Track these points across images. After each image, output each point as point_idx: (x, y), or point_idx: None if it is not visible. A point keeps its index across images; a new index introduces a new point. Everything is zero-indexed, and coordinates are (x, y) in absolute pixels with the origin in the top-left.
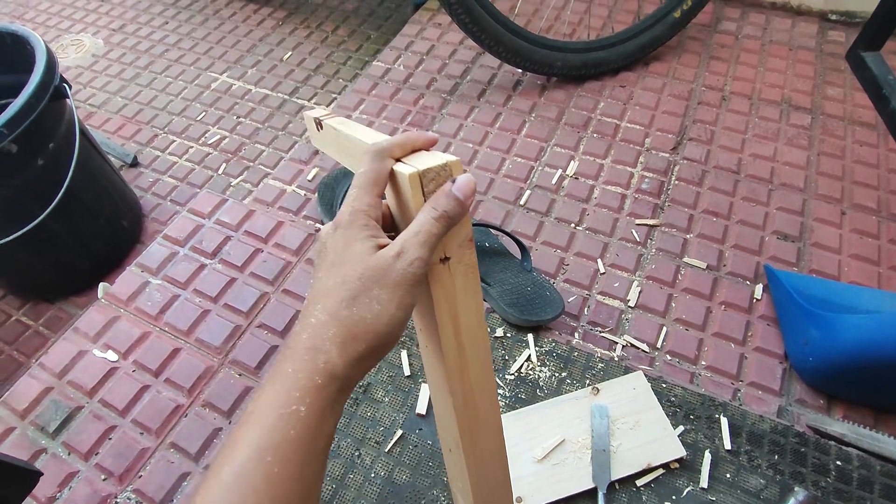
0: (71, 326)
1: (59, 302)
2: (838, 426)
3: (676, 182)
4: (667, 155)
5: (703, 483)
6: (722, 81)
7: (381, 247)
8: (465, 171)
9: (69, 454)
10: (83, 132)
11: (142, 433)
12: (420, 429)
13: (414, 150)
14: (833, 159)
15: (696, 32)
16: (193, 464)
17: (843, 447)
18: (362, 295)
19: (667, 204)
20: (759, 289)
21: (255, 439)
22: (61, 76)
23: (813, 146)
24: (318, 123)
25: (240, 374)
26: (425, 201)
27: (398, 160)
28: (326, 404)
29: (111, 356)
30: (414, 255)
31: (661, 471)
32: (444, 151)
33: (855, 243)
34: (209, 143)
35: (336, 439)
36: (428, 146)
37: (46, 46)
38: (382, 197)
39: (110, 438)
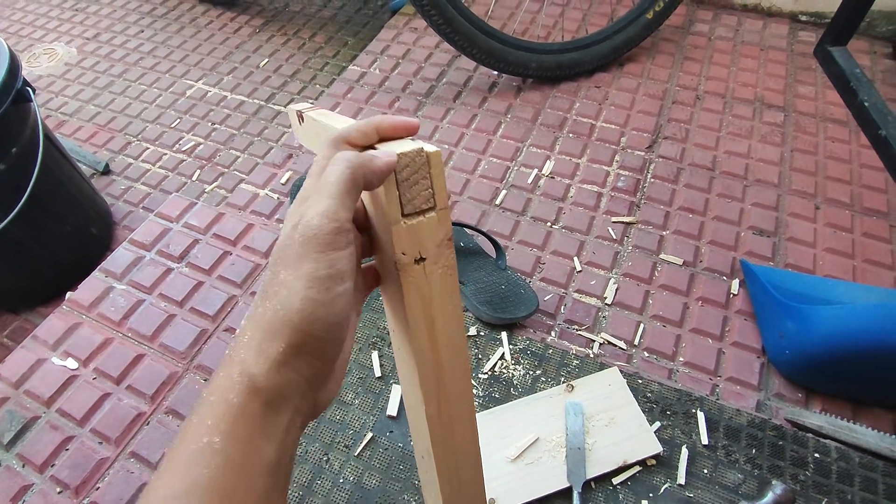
0: (29, 334)
1: (25, 313)
2: (816, 418)
3: (652, 180)
4: (642, 153)
5: (681, 479)
6: (696, 81)
7: None
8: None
9: (23, 466)
10: (49, 138)
11: (101, 443)
12: (391, 431)
13: (391, 137)
14: (806, 155)
15: (670, 34)
16: (154, 473)
17: (821, 439)
18: (271, 285)
19: (643, 201)
20: (735, 284)
21: (163, 489)
22: (25, 80)
23: (786, 143)
24: (300, 116)
25: (205, 380)
26: (399, 194)
27: (371, 147)
28: (252, 426)
29: (71, 364)
30: (315, 209)
31: (637, 468)
32: None
33: (829, 237)
34: (183, 149)
35: (303, 444)
36: (408, 133)
37: (9, 49)
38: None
39: (67, 449)
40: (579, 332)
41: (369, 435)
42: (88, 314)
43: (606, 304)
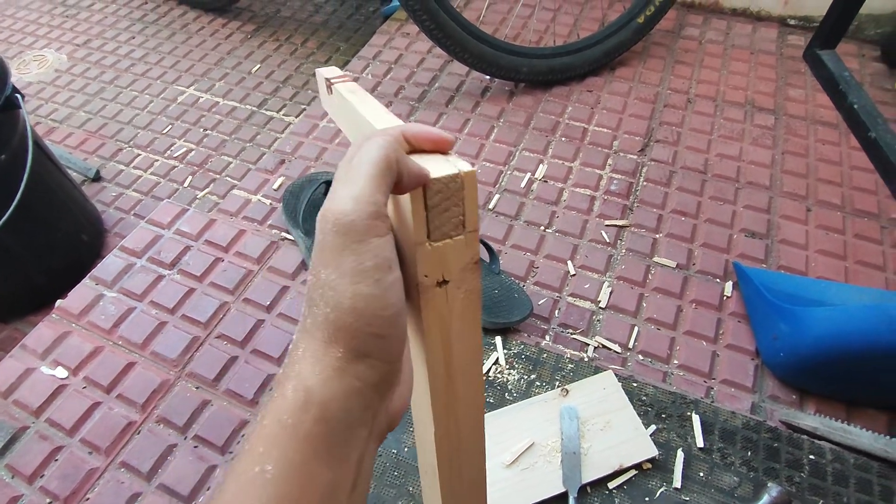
0: (19, 343)
1: (15, 321)
2: (810, 420)
3: (645, 183)
4: (635, 157)
5: (677, 483)
6: (687, 85)
7: None
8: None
9: (12, 477)
10: (38, 145)
11: (90, 453)
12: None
13: (420, 149)
14: (797, 158)
15: (661, 38)
16: (145, 483)
17: (816, 441)
18: (314, 289)
19: (636, 205)
20: (728, 286)
21: None
22: (14, 86)
23: (777, 145)
24: (329, 85)
25: (197, 388)
26: (427, 218)
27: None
28: (310, 450)
29: (60, 373)
30: (345, 193)
31: (633, 472)
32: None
33: (821, 239)
34: (175, 156)
35: None
36: (444, 149)
37: None
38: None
39: (57, 459)
40: (574, 336)
41: None
42: (78, 322)
43: (600, 307)
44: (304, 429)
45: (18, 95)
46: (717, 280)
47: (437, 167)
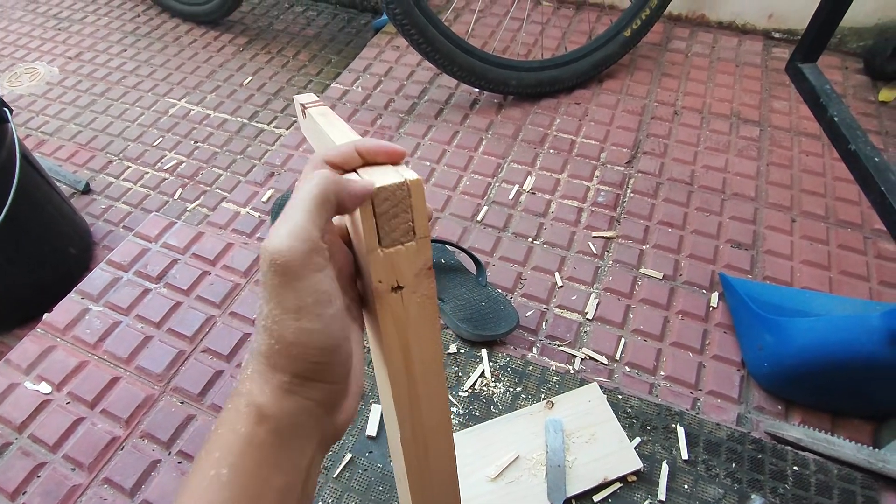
0: (2, 358)
1: (2, 335)
2: (794, 431)
3: (632, 195)
4: (622, 168)
5: (661, 495)
6: (673, 97)
7: None
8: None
9: None
10: (26, 158)
11: (73, 469)
12: (370, 451)
13: (373, 161)
14: (781, 169)
15: (648, 51)
16: (129, 499)
17: (800, 452)
18: (262, 318)
19: (623, 216)
20: (715, 297)
21: None
22: (2, 100)
23: (762, 157)
24: (304, 110)
25: (182, 402)
26: (377, 225)
27: (352, 171)
28: (262, 456)
29: (44, 388)
30: (282, 230)
31: (618, 485)
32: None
33: (805, 249)
34: (165, 168)
35: None
36: (391, 160)
37: None
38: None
39: (39, 476)
40: (560, 348)
41: (348, 456)
42: (63, 337)
43: (587, 318)
44: (257, 439)
45: (6, 109)
46: (704, 291)
47: (384, 177)
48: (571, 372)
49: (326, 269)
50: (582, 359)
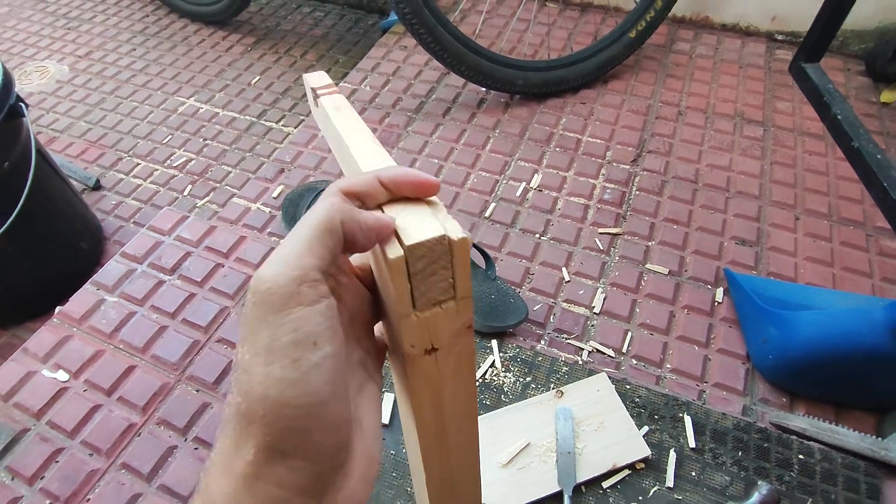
0: (18, 347)
1: (13, 328)
2: (799, 421)
3: (637, 192)
4: (627, 167)
5: (669, 482)
6: (678, 97)
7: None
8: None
9: (13, 479)
10: (41, 153)
11: (91, 454)
12: (383, 439)
13: (401, 195)
14: (785, 168)
15: (653, 52)
16: (146, 484)
17: (805, 441)
18: (233, 373)
19: (629, 213)
20: (720, 292)
21: None
22: (18, 96)
23: (766, 156)
24: (316, 96)
25: (197, 390)
26: (411, 286)
27: (376, 207)
28: None
29: (61, 376)
30: (272, 257)
31: (626, 471)
32: (410, 167)
33: (809, 246)
34: (175, 165)
35: None
36: (428, 193)
37: (2, 65)
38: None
39: (57, 461)
40: (568, 341)
41: None
42: (79, 327)
43: (594, 312)
44: None
45: (22, 104)
46: (709, 286)
47: (419, 225)
48: (580, 363)
49: (319, 306)
50: (589, 351)
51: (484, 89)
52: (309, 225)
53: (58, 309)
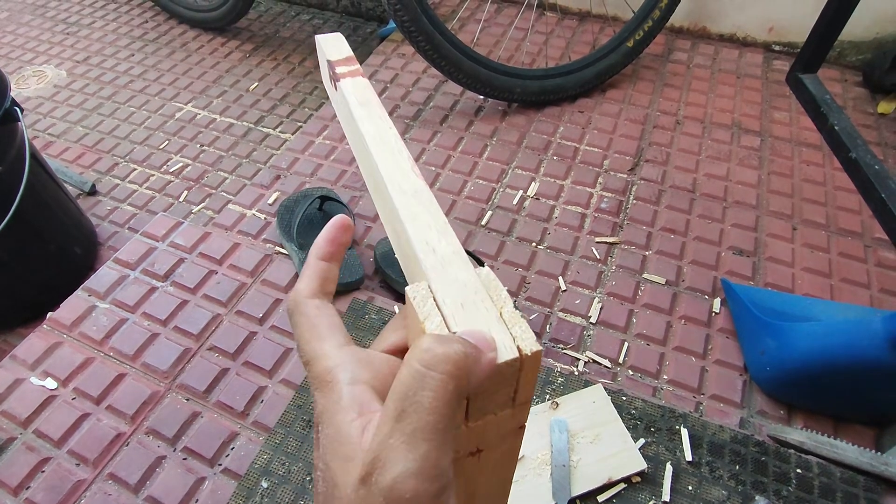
0: (8, 354)
1: (5, 334)
2: (797, 434)
3: (634, 201)
4: (624, 176)
5: (665, 496)
6: (675, 107)
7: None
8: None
9: None
10: (35, 157)
11: (78, 464)
12: None
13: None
14: (782, 178)
15: (650, 62)
16: (133, 496)
17: (803, 455)
18: None
19: (625, 222)
20: (717, 302)
21: None
22: (13, 99)
23: (763, 166)
24: (333, 76)
25: (187, 399)
26: (468, 403)
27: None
28: None
29: (50, 384)
30: (396, 469)
31: (622, 485)
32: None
33: (806, 257)
34: (171, 171)
35: (287, 464)
36: (345, 238)
37: None
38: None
39: (43, 471)
40: (564, 351)
41: None
42: (70, 333)
43: (591, 322)
44: None
45: (17, 109)
46: (706, 297)
47: (499, 348)
48: (576, 374)
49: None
50: (585, 362)
51: (482, 97)
52: (437, 410)
53: (49, 314)
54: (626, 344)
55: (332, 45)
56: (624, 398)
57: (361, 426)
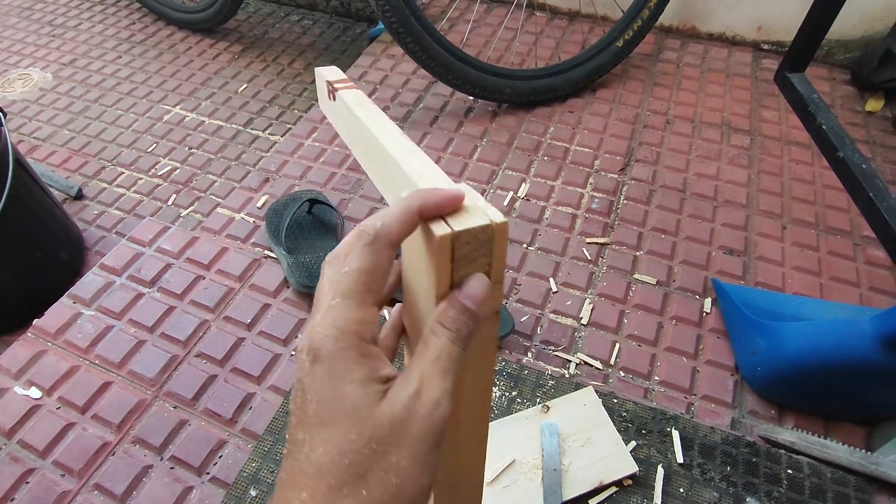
0: None
1: None
2: (788, 434)
3: (625, 201)
4: (615, 176)
5: (657, 499)
6: (665, 106)
7: (386, 382)
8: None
9: None
10: (20, 162)
11: (63, 475)
12: None
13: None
14: (772, 177)
15: (640, 61)
16: None
17: (794, 455)
18: (374, 468)
19: (616, 223)
20: (708, 302)
21: None
22: None
23: (753, 165)
24: (332, 90)
25: (175, 407)
26: (452, 270)
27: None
28: None
29: (34, 393)
30: (437, 392)
31: (613, 488)
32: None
33: (796, 256)
34: (159, 174)
35: (276, 472)
36: (455, 209)
37: None
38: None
39: (28, 482)
40: (555, 353)
41: None
42: (54, 341)
43: (582, 324)
44: None
45: (0, 113)
46: (697, 297)
47: (465, 218)
48: (567, 376)
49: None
50: (577, 363)
51: (471, 98)
52: (451, 356)
53: (36, 321)
54: (617, 345)
55: (330, 72)
56: (615, 400)
57: (373, 379)
